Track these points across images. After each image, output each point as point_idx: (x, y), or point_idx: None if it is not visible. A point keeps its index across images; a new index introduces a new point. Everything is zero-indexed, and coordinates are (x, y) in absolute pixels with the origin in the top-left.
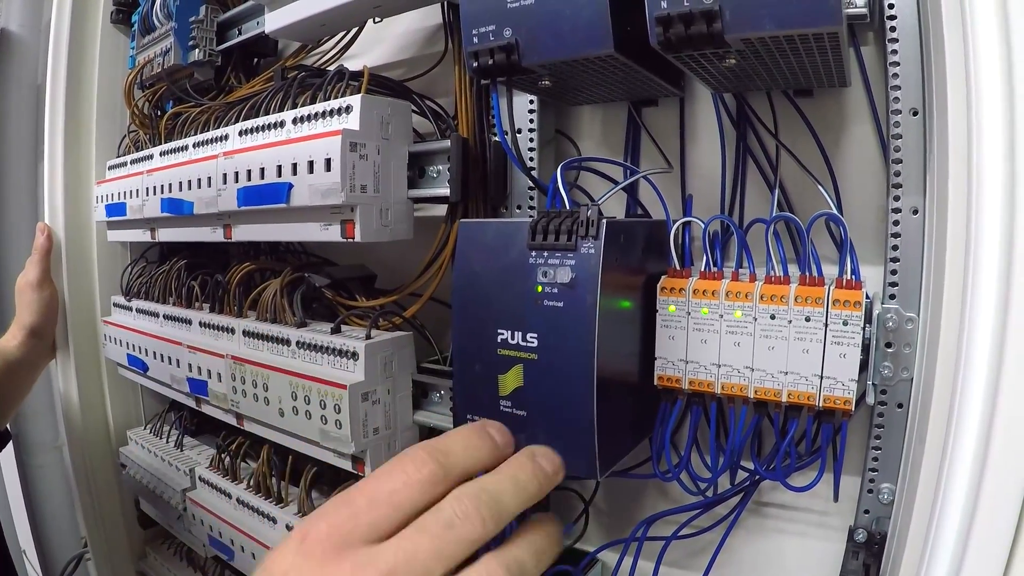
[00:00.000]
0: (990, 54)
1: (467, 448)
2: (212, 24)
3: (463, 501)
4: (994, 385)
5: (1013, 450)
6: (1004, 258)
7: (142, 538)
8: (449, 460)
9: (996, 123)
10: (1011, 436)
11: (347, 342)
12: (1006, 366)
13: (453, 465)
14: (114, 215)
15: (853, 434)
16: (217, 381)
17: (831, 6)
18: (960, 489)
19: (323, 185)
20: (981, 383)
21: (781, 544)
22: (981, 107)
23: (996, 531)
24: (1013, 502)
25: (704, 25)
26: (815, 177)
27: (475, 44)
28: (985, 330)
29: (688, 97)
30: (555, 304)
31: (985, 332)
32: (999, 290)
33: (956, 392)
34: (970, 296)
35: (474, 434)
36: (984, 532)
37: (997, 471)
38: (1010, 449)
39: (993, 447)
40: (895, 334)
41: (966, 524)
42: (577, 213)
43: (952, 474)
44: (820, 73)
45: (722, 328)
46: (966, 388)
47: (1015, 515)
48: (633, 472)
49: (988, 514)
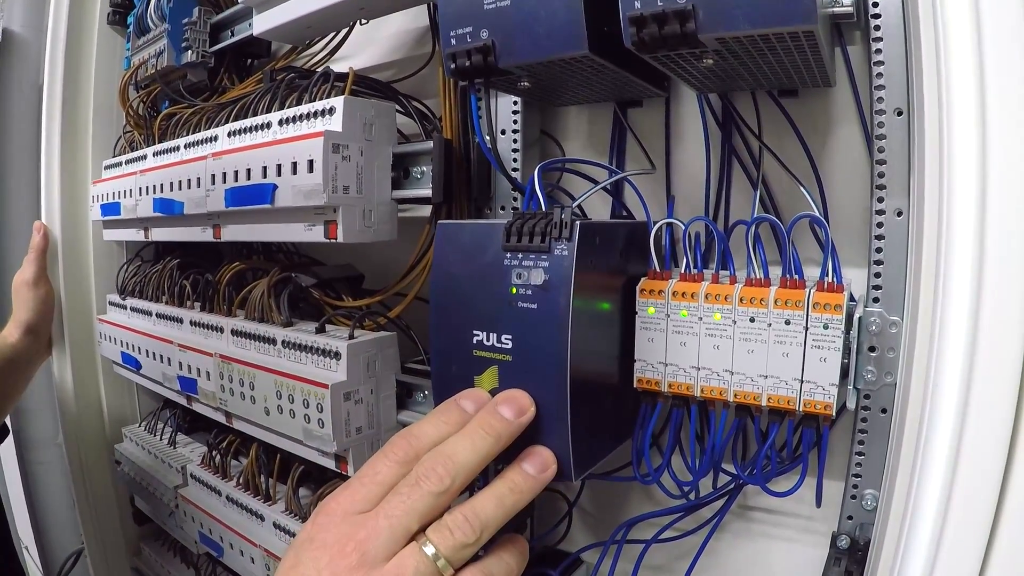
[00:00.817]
0: (961, 53)
1: (436, 425)
2: (205, 26)
3: (424, 463)
4: (965, 391)
5: (984, 458)
6: (975, 263)
7: (137, 534)
8: (420, 440)
9: (968, 124)
10: (982, 443)
11: (330, 342)
12: (976, 371)
13: (423, 444)
14: (109, 214)
15: (837, 439)
16: (206, 379)
17: (805, 5)
18: (932, 497)
19: (306, 186)
20: (953, 389)
21: (767, 548)
22: (952, 108)
23: (968, 542)
24: (985, 512)
25: (678, 25)
26: (798, 179)
27: (453, 45)
28: (957, 334)
29: (673, 98)
30: (529, 306)
31: (957, 337)
32: (971, 295)
33: (927, 397)
34: (941, 300)
35: (443, 410)
36: (955, 542)
37: (968, 480)
38: (981, 457)
39: (964, 455)
40: (879, 338)
41: (936, 533)
42: (551, 215)
43: (923, 481)
44: (803, 73)
45: (701, 331)
46: (937, 394)
47: (987, 525)
48: (613, 475)
49: (959, 524)
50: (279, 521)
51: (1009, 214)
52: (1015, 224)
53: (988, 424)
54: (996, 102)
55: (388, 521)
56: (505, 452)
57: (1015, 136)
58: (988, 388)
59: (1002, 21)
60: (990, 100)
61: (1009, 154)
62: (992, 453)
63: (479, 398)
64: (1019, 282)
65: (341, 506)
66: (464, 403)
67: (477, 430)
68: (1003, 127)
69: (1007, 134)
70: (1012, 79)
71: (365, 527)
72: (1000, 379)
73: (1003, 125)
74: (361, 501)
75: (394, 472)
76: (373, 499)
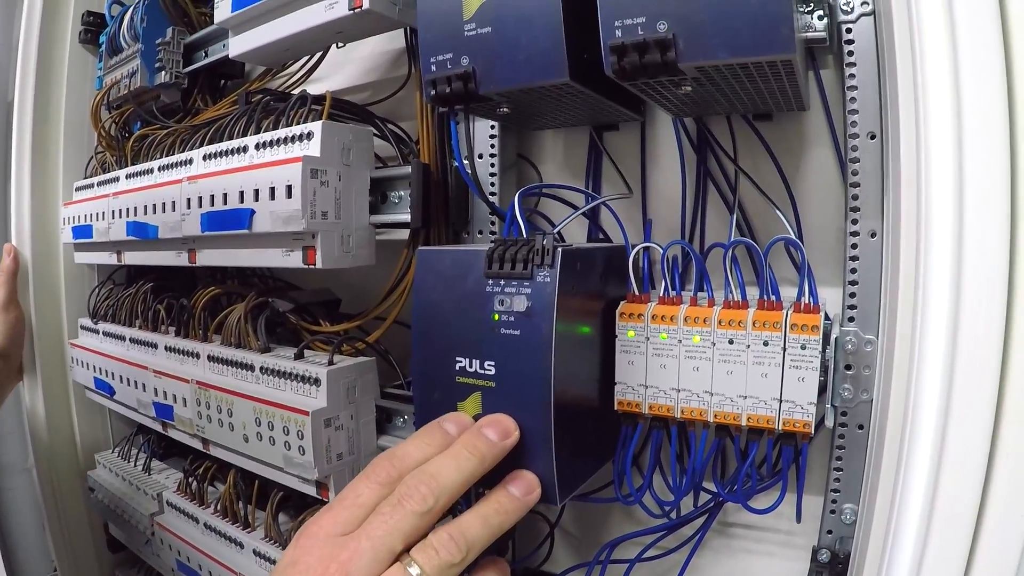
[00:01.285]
0: (938, 79)
1: (419, 446)
2: (179, 46)
3: (407, 483)
4: (945, 406)
5: (964, 471)
6: (953, 282)
7: (112, 562)
8: (403, 461)
9: (945, 149)
10: (963, 459)
11: (309, 368)
12: (956, 387)
13: (406, 465)
14: (81, 237)
15: (816, 455)
16: (183, 406)
17: (784, 35)
18: (915, 511)
19: (284, 212)
20: (933, 405)
21: (748, 564)
22: (929, 131)
23: (950, 553)
24: (966, 522)
25: (658, 54)
26: (773, 201)
27: (433, 72)
28: (936, 352)
29: (649, 121)
30: (512, 332)
31: (936, 354)
32: (949, 313)
33: (908, 413)
34: (920, 318)
35: (427, 432)
36: (939, 552)
37: (950, 493)
38: (961, 470)
39: (945, 469)
40: (854, 356)
41: (920, 546)
42: (533, 241)
43: (906, 495)
44: (778, 98)
45: (681, 353)
46: (918, 410)
47: (969, 535)
48: (595, 496)
49: (942, 535)
50: (259, 548)
51: (986, 234)
52: (992, 244)
53: (968, 438)
54: (972, 126)
55: (371, 542)
56: (488, 476)
57: (991, 159)
58: (967, 403)
59: (977, 46)
60: (966, 124)
61: (985, 177)
62: (972, 466)
63: (462, 421)
64: (997, 300)
65: (323, 529)
66: (447, 425)
67: (461, 451)
68: (979, 150)
69: (983, 157)
70: (988, 102)
71: (348, 548)
72: (979, 395)
73: (979, 148)
74: (343, 523)
75: (376, 494)
76: (355, 521)
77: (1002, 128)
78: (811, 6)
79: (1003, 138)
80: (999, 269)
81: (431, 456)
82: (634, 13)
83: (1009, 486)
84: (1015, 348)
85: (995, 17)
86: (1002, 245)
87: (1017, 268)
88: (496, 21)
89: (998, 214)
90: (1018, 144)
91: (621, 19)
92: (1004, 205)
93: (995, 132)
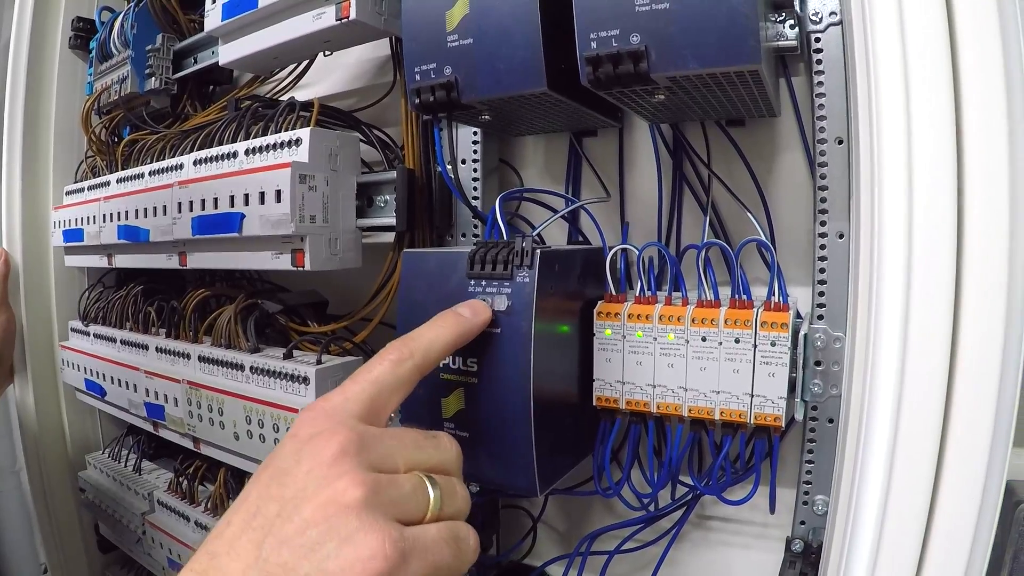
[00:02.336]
0: (891, 88)
1: (431, 328)
2: (168, 53)
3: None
4: (897, 400)
5: (917, 459)
6: (904, 280)
7: (102, 563)
8: (415, 342)
9: (896, 154)
10: (914, 448)
11: (298, 367)
12: (907, 383)
13: (417, 345)
14: (72, 240)
15: (789, 449)
16: (174, 406)
17: (750, 46)
18: (873, 498)
19: (273, 216)
20: (888, 397)
21: (726, 556)
22: (882, 138)
23: (905, 537)
24: (920, 505)
25: (631, 65)
26: (744, 204)
27: (417, 81)
28: (890, 347)
29: (626, 127)
30: (493, 330)
31: (890, 349)
32: (901, 310)
33: (864, 406)
34: (875, 315)
35: (440, 316)
36: (895, 537)
37: (903, 480)
38: (914, 459)
39: (898, 459)
40: (824, 352)
41: (877, 532)
42: (513, 244)
43: (863, 484)
44: (749, 105)
45: (656, 350)
46: (872, 404)
47: (923, 518)
48: (575, 489)
49: (897, 520)
50: None
51: (934, 235)
52: (940, 243)
53: (919, 430)
54: (921, 132)
55: (344, 394)
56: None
57: (939, 164)
58: (918, 398)
59: (927, 55)
60: (915, 129)
61: (933, 182)
62: (924, 453)
63: (475, 306)
64: (944, 298)
65: (330, 401)
66: (462, 309)
67: (437, 321)
68: (928, 154)
69: (932, 162)
70: (937, 107)
71: (328, 399)
72: (929, 388)
73: (928, 153)
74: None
75: (388, 371)
76: (364, 400)
77: (950, 134)
78: (783, 15)
79: (950, 144)
80: (947, 267)
81: (443, 337)
82: (608, 26)
83: (958, 470)
84: (963, 338)
85: (943, 26)
86: (949, 243)
87: (964, 266)
88: (478, 33)
89: (946, 214)
90: (964, 152)
91: (596, 32)
92: (951, 205)
93: (943, 139)
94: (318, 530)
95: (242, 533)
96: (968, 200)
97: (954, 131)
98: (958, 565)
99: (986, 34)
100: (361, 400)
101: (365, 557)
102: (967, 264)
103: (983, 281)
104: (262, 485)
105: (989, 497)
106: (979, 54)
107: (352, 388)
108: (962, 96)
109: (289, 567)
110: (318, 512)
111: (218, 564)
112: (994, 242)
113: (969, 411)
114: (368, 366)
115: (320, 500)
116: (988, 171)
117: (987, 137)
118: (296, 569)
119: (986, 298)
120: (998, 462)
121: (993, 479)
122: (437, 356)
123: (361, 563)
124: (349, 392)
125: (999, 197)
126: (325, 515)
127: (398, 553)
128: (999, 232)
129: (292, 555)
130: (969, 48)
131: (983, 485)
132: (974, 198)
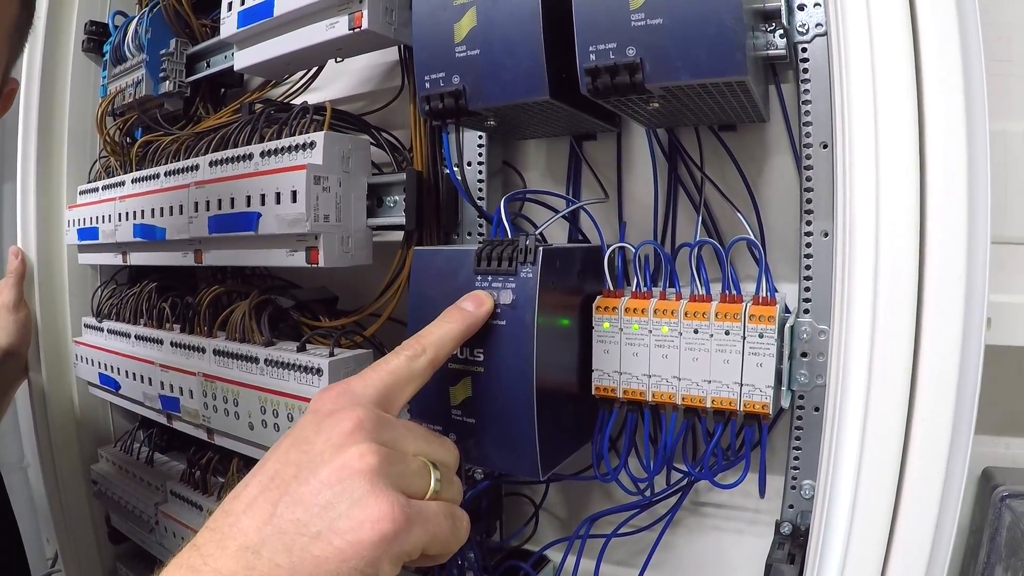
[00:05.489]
0: (862, 100)
1: (441, 325)
2: (182, 57)
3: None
4: (866, 388)
5: (885, 444)
6: (872, 278)
7: (113, 554)
8: (427, 338)
9: (866, 158)
10: (882, 434)
11: (312, 359)
12: (875, 372)
13: (430, 341)
14: (86, 239)
15: (778, 436)
16: (189, 398)
17: (737, 59)
18: (847, 481)
19: (289, 215)
20: (860, 385)
21: (719, 541)
22: (854, 144)
23: (875, 517)
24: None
25: (627, 76)
26: (735, 205)
27: (427, 89)
28: (861, 339)
29: (624, 132)
30: (498, 323)
31: (861, 341)
32: (870, 305)
33: (837, 395)
34: (847, 309)
35: (447, 313)
36: (864, 518)
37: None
38: (882, 444)
39: (868, 445)
40: (809, 344)
41: (848, 514)
42: (517, 242)
43: (838, 467)
44: (739, 111)
45: (651, 342)
46: (845, 394)
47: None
48: (575, 476)
49: (867, 501)
50: None
51: (899, 230)
52: (904, 238)
53: (886, 418)
54: (887, 139)
55: (363, 380)
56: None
57: (902, 169)
58: (885, 386)
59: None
60: (882, 136)
61: (897, 185)
62: (891, 440)
63: (478, 298)
64: (908, 293)
65: (350, 387)
66: (466, 303)
67: (444, 317)
68: (893, 160)
69: (896, 165)
70: (902, 117)
71: (348, 382)
72: (894, 375)
73: (893, 158)
74: (372, 391)
75: (402, 365)
76: (379, 387)
77: (912, 140)
78: (773, 25)
79: (913, 150)
80: (910, 264)
81: (452, 332)
82: (606, 40)
83: (923, 447)
84: (926, 328)
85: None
86: (912, 242)
87: (926, 265)
88: (484, 45)
89: (909, 213)
90: (927, 157)
91: (595, 45)
92: (914, 206)
93: (907, 145)
94: (332, 491)
95: (260, 494)
96: (930, 199)
97: (917, 137)
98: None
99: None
100: (378, 387)
101: (374, 518)
102: (929, 257)
103: (943, 273)
104: (282, 451)
105: (955, 471)
106: (941, 68)
107: (370, 376)
108: (924, 106)
109: (302, 524)
110: (333, 475)
111: (234, 522)
112: (953, 236)
113: (933, 392)
114: (385, 359)
115: (335, 465)
116: (948, 173)
117: (946, 143)
118: (308, 526)
119: (946, 289)
120: (962, 442)
121: (957, 456)
122: (449, 350)
123: (371, 523)
124: (368, 379)
125: (958, 196)
126: (339, 478)
127: (405, 517)
128: (958, 227)
129: (306, 513)
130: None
131: (947, 460)
132: (935, 197)
